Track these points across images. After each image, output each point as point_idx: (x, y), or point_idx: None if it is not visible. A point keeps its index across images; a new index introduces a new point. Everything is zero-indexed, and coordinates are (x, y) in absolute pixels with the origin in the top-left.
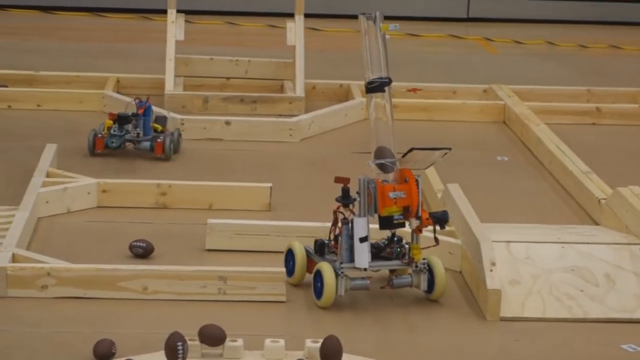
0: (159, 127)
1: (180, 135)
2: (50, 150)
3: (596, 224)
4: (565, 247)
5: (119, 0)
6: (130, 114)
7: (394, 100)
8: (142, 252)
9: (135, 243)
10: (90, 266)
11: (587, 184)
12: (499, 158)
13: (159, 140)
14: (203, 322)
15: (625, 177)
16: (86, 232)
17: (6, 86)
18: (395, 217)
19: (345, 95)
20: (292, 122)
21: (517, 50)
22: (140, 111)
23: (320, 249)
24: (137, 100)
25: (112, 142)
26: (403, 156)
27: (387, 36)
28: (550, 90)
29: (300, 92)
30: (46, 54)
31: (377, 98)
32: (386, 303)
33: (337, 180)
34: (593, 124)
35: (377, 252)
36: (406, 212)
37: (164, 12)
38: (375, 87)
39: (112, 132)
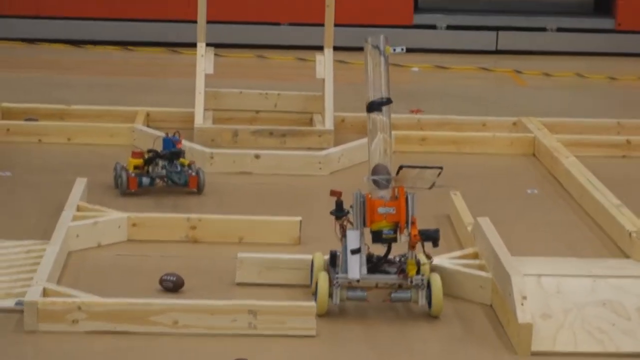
0: (186, 162)
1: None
2: (80, 184)
3: (627, 257)
4: (596, 281)
5: (148, 34)
6: (161, 152)
7: (424, 133)
8: (173, 286)
9: (165, 277)
10: (121, 300)
11: (618, 217)
12: (529, 191)
13: (193, 174)
14: (233, 356)
15: None
16: (116, 266)
17: (37, 120)
18: (385, 232)
19: None
20: (321, 155)
21: (547, 82)
22: (179, 145)
23: (332, 260)
24: (171, 135)
25: (144, 180)
26: (396, 174)
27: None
28: (580, 123)
29: (329, 125)
30: (77, 88)
31: (375, 117)
32: (420, 334)
33: (332, 193)
34: (623, 156)
35: (376, 266)
36: (397, 228)
37: (194, 45)
38: (373, 106)
39: (158, 171)
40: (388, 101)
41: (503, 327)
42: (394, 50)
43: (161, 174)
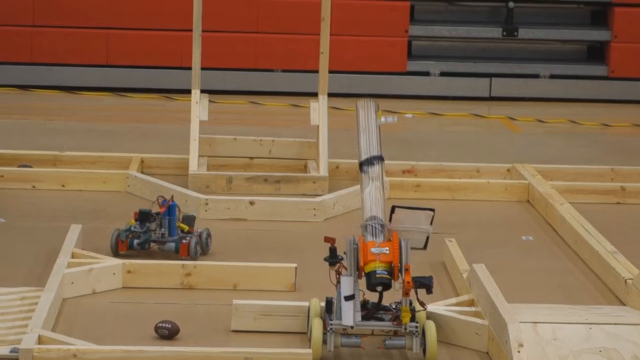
0: (186, 227)
1: (209, 235)
2: (75, 231)
3: (623, 304)
4: (592, 328)
5: (142, 80)
6: (151, 211)
7: (419, 179)
8: (168, 333)
9: (160, 324)
10: (117, 347)
11: (613, 263)
12: (524, 238)
13: (184, 241)
14: None
15: None
16: (112, 313)
17: (30, 166)
18: (378, 272)
19: None
20: (316, 201)
21: (540, 129)
22: (162, 210)
23: (328, 306)
24: (160, 199)
25: (135, 243)
26: (390, 215)
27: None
28: (574, 170)
29: (323, 171)
30: (70, 134)
31: (368, 173)
32: None
33: (326, 240)
34: (618, 203)
35: (371, 313)
36: (391, 272)
37: (188, 92)
38: (366, 162)
39: (132, 228)
40: (380, 159)
41: None
42: (385, 119)
43: (154, 237)
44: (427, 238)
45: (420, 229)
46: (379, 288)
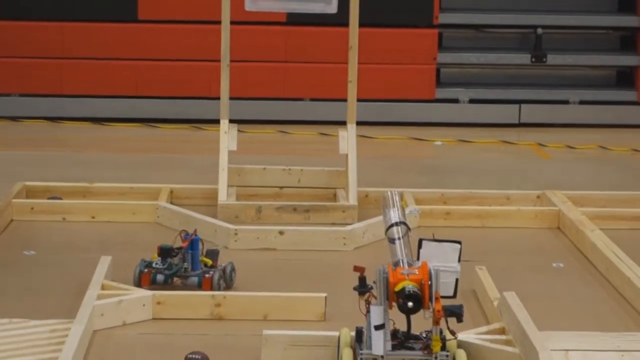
0: (209, 262)
1: (233, 269)
2: (104, 263)
3: None
4: (624, 356)
5: (171, 111)
6: (172, 246)
7: (449, 207)
8: None
9: (190, 355)
10: None
11: None
12: (554, 265)
13: (207, 275)
14: None
15: None
16: (141, 344)
17: (60, 198)
18: (408, 288)
19: None
20: (345, 230)
21: (570, 155)
22: (184, 244)
23: (359, 336)
24: (183, 233)
25: (158, 278)
26: (418, 251)
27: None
28: (604, 196)
29: (353, 200)
30: (100, 166)
31: (395, 238)
32: None
33: (355, 269)
34: None
35: (401, 342)
36: (421, 289)
37: (217, 122)
38: (391, 228)
39: (154, 265)
40: (404, 224)
41: None
42: (409, 212)
43: (168, 268)
44: (457, 281)
45: (449, 268)
46: (410, 304)
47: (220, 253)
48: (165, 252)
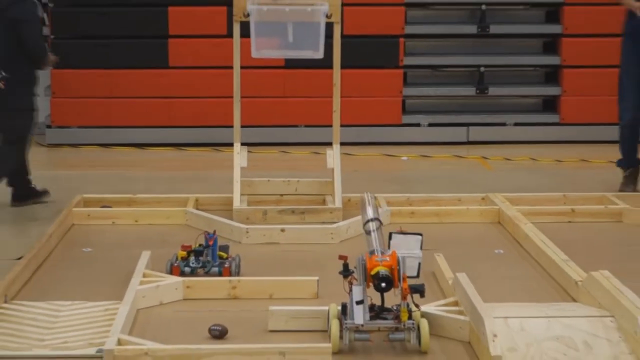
0: (224, 255)
1: (240, 260)
2: (145, 256)
3: (575, 301)
4: (550, 321)
5: (196, 137)
6: (202, 247)
7: (413, 208)
8: (219, 333)
9: (213, 327)
10: (179, 347)
11: (566, 269)
12: (496, 251)
13: (226, 265)
14: None
15: (596, 263)
16: (174, 319)
17: (110, 207)
18: (382, 272)
19: None
20: (332, 227)
21: (507, 165)
22: (210, 242)
23: (343, 310)
24: (205, 234)
25: (186, 269)
26: (389, 242)
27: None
28: (534, 197)
29: (338, 204)
30: (141, 181)
31: (370, 230)
32: None
33: (340, 257)
34: (569, 222)
35: (377, 314)
36: (392, 272)
37: (231, 145)
38: (368, 223)
39: (190, 263)
40: (378, 220)
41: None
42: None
43: (201, 265)
44: (419, 265)
45: (413, 255)
46: (383, 285)
47: (229, 247)
48: (197, 253)
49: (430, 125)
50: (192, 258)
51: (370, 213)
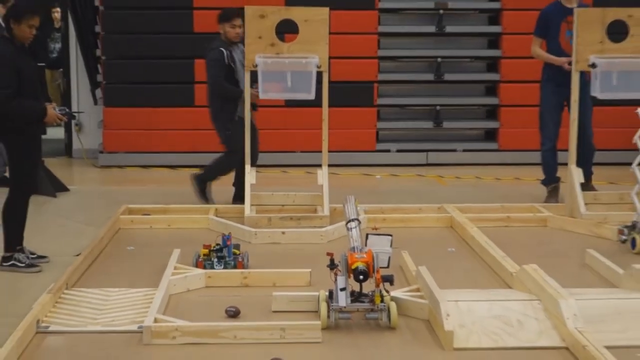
0: (237, 252)
1: (248, 255)
2: (176, 253)
3: (510, 288)
4: (492, 303)
5: None
6: (220, 246)
7: (385, 215)
8: (233, 314)
9: (228, 308)
10: (202, 324)
11: (503, 263)
12: (449, 249)
13: (239, 259)
14: (272, 356)
15: (526, 259)
16: (199, 302)
17: (149, 215)
18: (360, 267)
19: None
20: (322, 230)
21: (458, 182)
22: (228, 243)
23: (330, 295)
24: (223, 235)
25: (209, 265)
26: (366, 241)
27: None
28: (479, 207)
29: (327, 212)
30: (173, 195)
31: (351, 228)
32: (384, 339)
33: (327, 254)
34: (506, 226)
35: (356, 298)
36: (368, 267)
37: (243, 166)
38: (349, 222)
39: (215, 263)
40: (357, 220)
41: (436, 333)
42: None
43: (223, 267)
44: (389, 258)
45: (385, 251)
46: (361, 277)
47: (240, 246)
48: (219, 251)
49: (399, 151)
50: (215, 260)
51: (351, 213)
